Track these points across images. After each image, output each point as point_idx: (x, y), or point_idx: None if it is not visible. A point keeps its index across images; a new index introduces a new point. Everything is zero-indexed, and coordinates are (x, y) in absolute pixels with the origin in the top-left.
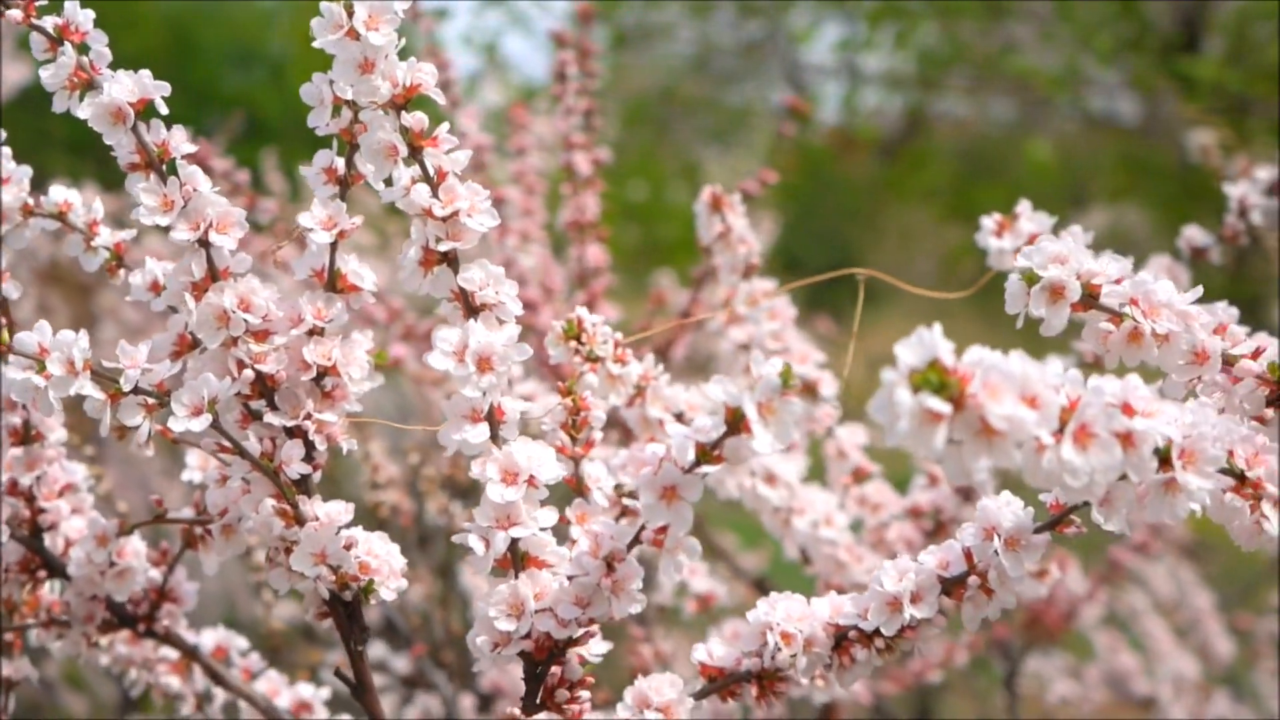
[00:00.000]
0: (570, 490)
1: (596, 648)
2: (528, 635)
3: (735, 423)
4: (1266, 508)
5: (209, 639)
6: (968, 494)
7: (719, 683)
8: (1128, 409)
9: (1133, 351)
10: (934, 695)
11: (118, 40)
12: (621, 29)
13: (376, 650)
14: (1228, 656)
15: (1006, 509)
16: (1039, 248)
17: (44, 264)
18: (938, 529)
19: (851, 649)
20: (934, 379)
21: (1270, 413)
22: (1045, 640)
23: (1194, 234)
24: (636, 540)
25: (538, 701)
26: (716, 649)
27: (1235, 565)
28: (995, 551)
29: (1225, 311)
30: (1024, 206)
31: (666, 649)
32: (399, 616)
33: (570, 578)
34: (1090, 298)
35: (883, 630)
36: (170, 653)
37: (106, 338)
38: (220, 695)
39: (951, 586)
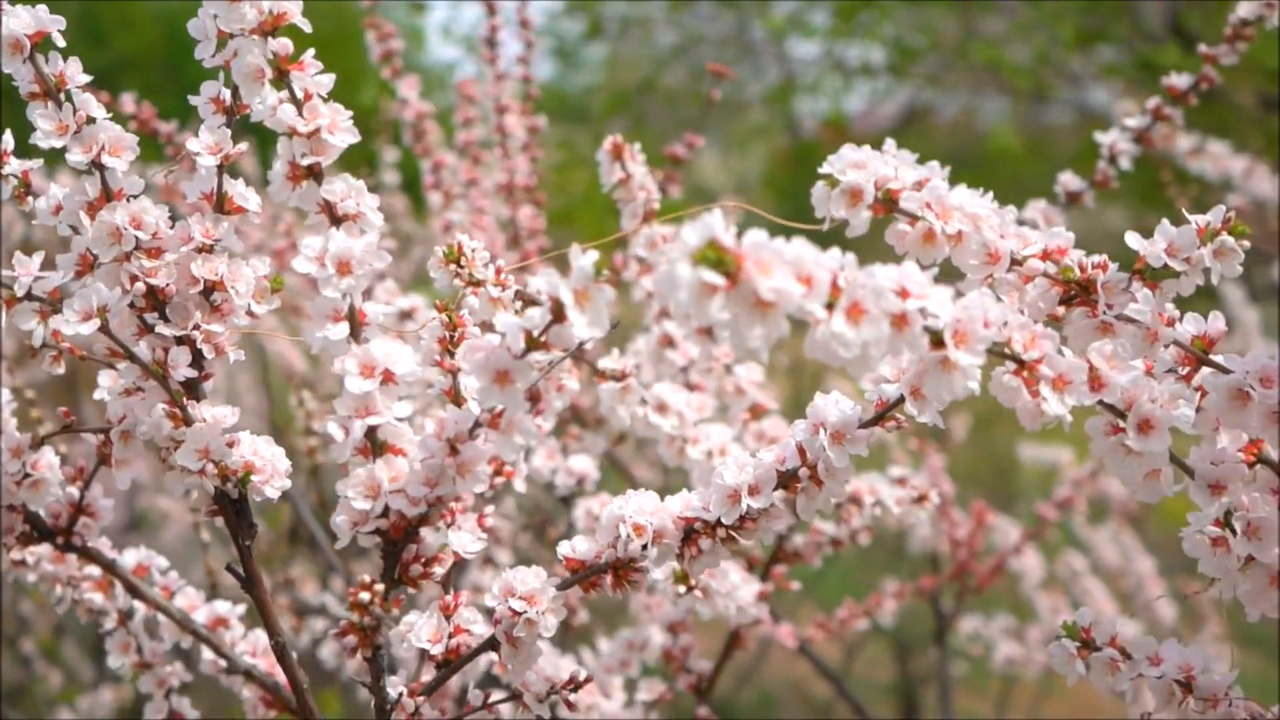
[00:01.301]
0: None
1: (465, 540)
2: (384, 515)
3: (558, 311)
4: (1044, 389)
5: (130, 557)
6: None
7: (580, 574)
8: (904, 292)
9: (928, 251)
10: (919, 693)
11: (113, 40)
12: (599, 20)
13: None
14: (1170, 620)
15: (833, 406)
16: (840, 154)
17: None
18: None
19: (699, 540)
20: (711, 256)
21: (1063, 310)
22: (973, 594)
23: (1068, 179)
24: (478, 424)
25: (395, 577)
26: (579, 544)
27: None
28: (822, 446)
29: (1010, 215)
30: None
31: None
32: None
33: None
34: (890, 202)
35: (723, 520)
36: (94, 571)
37: None
38: (141, 611)
39: (788, 480)
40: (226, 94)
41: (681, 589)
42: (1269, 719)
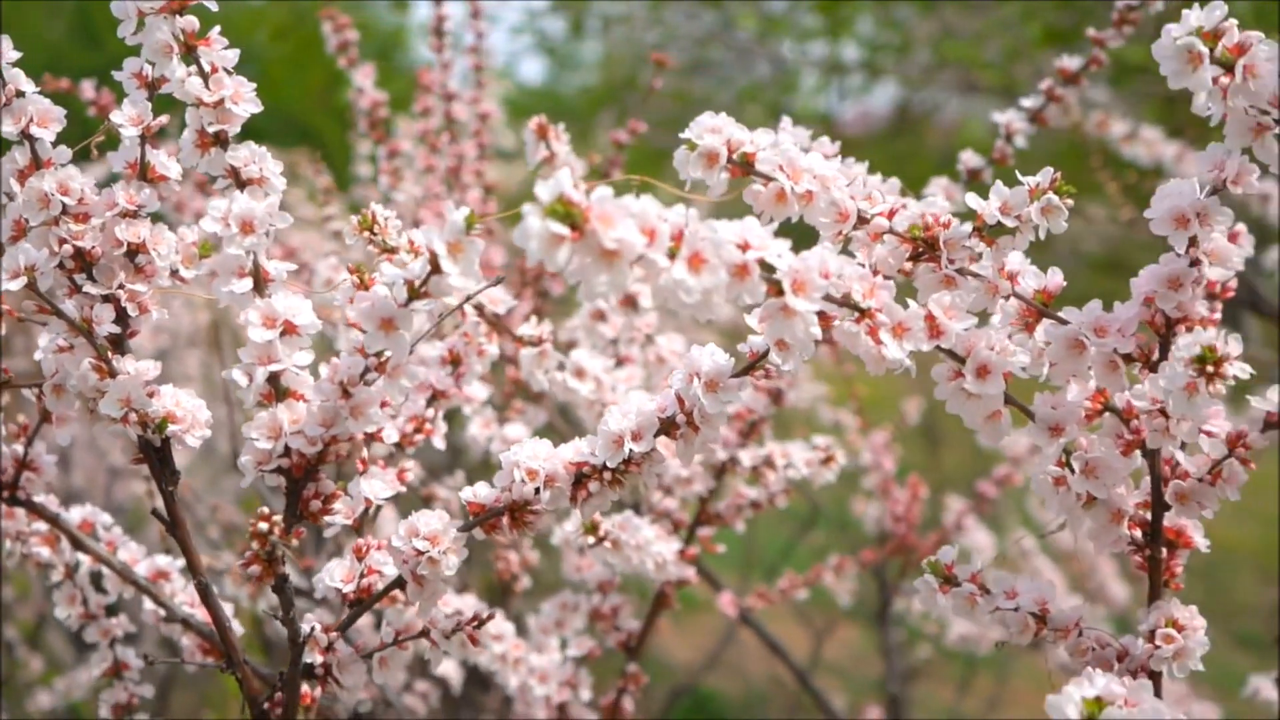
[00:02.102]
0: None
1: (376, 487)
2: (285, 454)
3: (435, 262)
4: (884, 335)
5: (76, 514)
6: (777, 398)
7: (481, 517)
8: (745, 245)
9: (780, 209)
10: (904, 691)
11: (106, 41)
12: (581, 19)
13: None
14: (1121, 599)
15: (707, 357)
16: (698, 120)
17: None
18: (751, 429)
19: (588, 483)
20: (560, 209)
21: (911, 265)
22: (915, 568)
23: (968, 157)
24: (369, 370)
25: (297, 513)
26: (480, 490)
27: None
28: (696, 394)
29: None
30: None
31: (533, 558)
32: None
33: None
34: (747, 164)
35: (609, 464)
36: (42, 526)
37: None
38: (86, 565)
39: (669, 426)
40: (149, 69)
41: (590, 539)
42: (1114, 648)
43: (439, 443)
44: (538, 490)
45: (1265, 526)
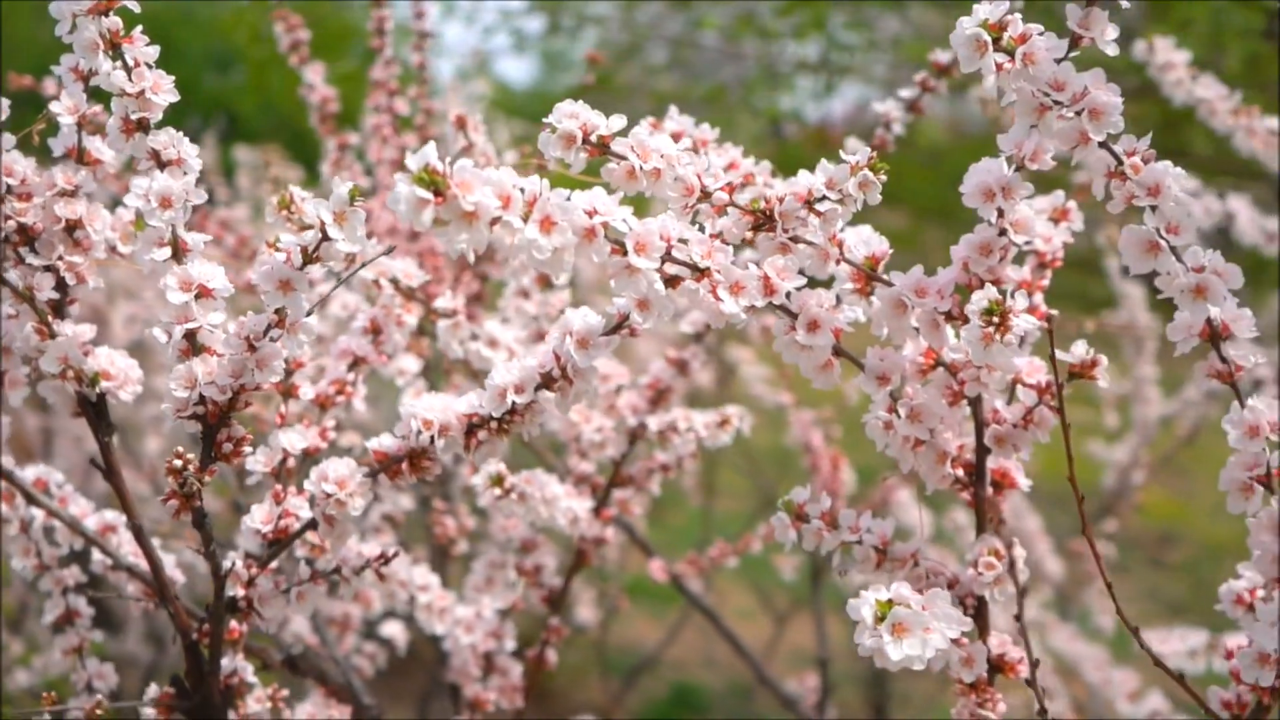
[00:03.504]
0: None
1: (293, 439)
2: (200, 402)
3: (324, 230)
4: (721, 292)
5: (30, 473)
6: (682, 367)
7: (383, 464)
8: (593, 211)
9: (631, 184)
10: (889, 683)
11: None
12: (557, 18)
13: None
14: (1057, 575)
15: (579, 317)
16: (557, 107)
17: None
18: (659, 397)
19: (477, 433)
20: (426, 177)
21: (752, 235)
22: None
23: (853, 144)
24: (271, 326)
25: (211, 455)
26: (385, 440)
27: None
28: (569, 350)
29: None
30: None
31: (470, 523)
32: None
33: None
34: (603, 146)
35: (494, 414)
36: None
37: None
38: (40, 519)
39: (549, 380)
40: (85, 64)
41: (496, 491)
42: (945, 576)
43: (360, 405)
44: (433, 439)
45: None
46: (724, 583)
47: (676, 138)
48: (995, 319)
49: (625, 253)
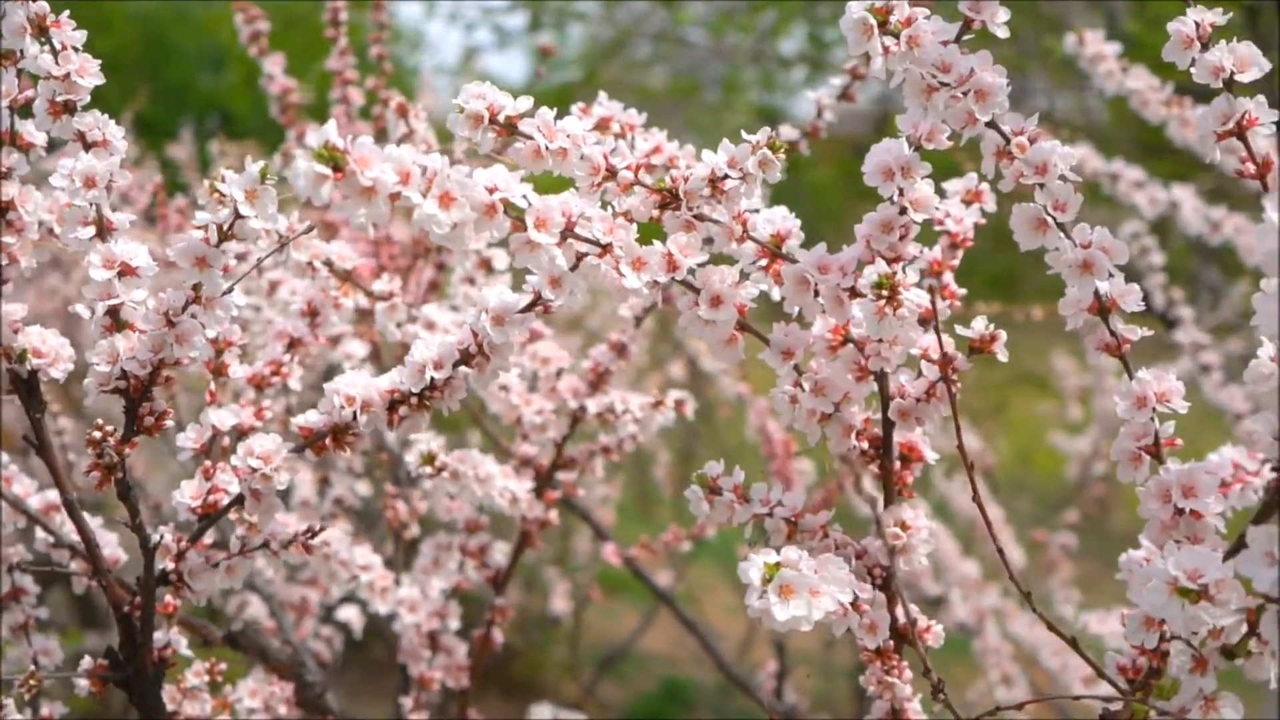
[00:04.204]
0: None
1: (222, 416)
2: (123, 377)
3: (235, 210)
4: (624, 268)
5: None
6: (621, 350)
7: (309, 439)
8: (493, 188)
9: (538, 164)
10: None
11: (92, 41)
12: (538, 15)
13: None
14: (1019, 565)
15: (495, 295)
16: (465, 89)
17: None
18: (599, 380)
19: (399, 409)
20: (325, 154)
21: (658, 212)
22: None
23: (786, 131)
24: (192, 302)
25: (134, 428)
26: (311, 416)
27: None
28: (484, 327)
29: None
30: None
31: (422, 507)
32: None
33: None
34: (511, 126)
35: (414, 390)
36: None
37: None
38: None
39: (467, 357)
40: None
41: (428, 469)
42: (854, 547)
43: (295, 384)
44: (355, 415)
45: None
46: (711, 579)
47: (605, 122)
48: (885, 293)
49: (525, 227)
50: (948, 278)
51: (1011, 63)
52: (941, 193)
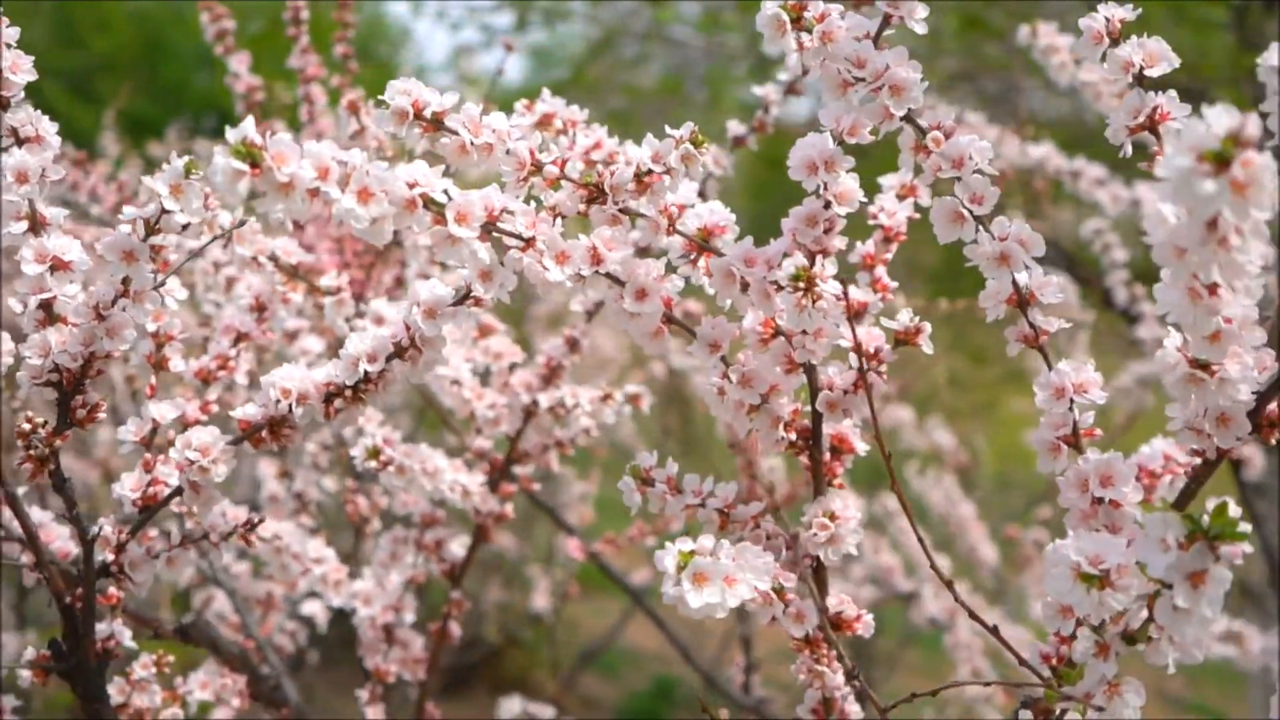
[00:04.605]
0: None
1: (164, 409)
2: (55, 370)
3: (161, 205)
4: (548, 261)
5: None
6: (573, 345)
7: (247, 432)
8: (413, 184)
9: (464, 159)
10: (871, 674)
11: (90, 42)
12: (524, 15)
13: None
14: (992, 561)
15: (426, 288)
16: (392, 84)
17: None
18: (552, 374)
19: (335, 401)
20: (242, 150)
21: (586, 208)
22: None
23: (733, 126)
24: (121, 296)
25: (67, 420)
26: (249, 409)
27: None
28: (416, 320)
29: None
30: None
31: (382, 502)
32: None
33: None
34: (438, 122)
35: (347, 382)
36: None
37: None
38: None
39: (401, 350)
40: None
41: (373, 463)
42: (784, 537)
43: (241, 378)
44: (291, 407)
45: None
46: None
47: (548, 119)
48: (802, 285)
49: (445, 222)
50: (880, 271)
51: (1001, 62)
52: (878, 187)
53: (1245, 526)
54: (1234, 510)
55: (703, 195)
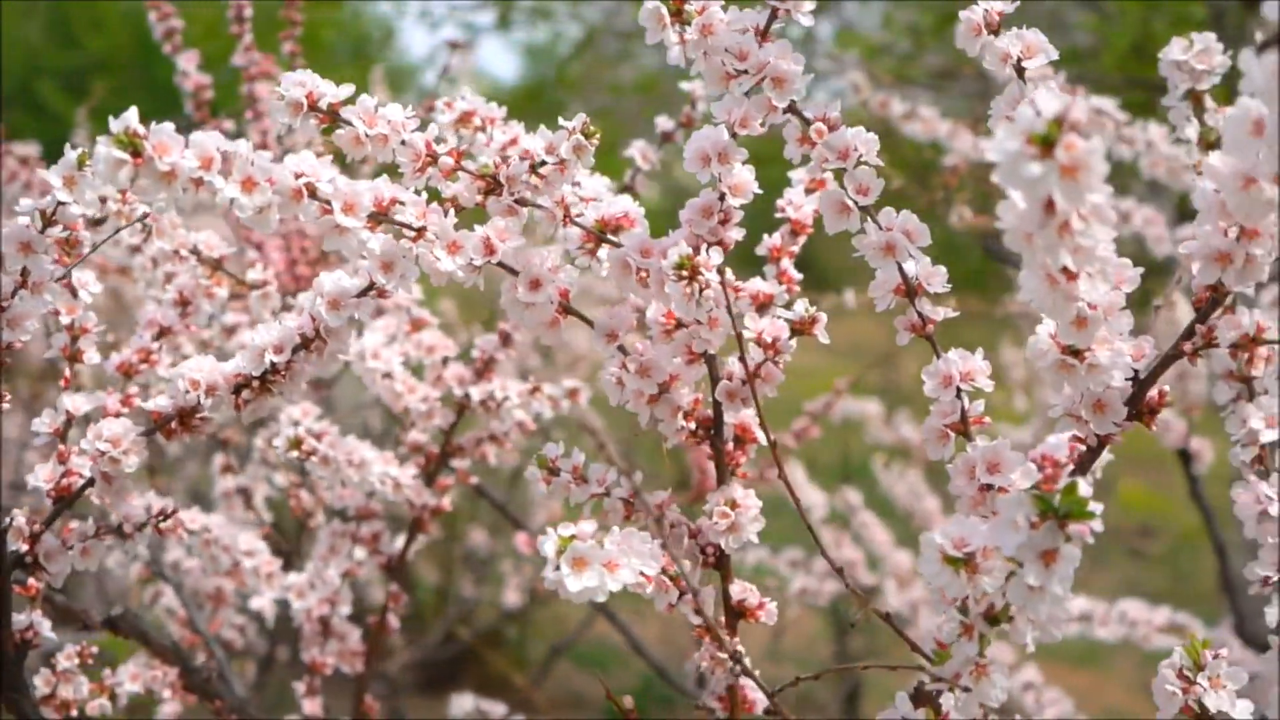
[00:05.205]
0: None
1: (77, 401)
2: None
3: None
4: (439, 251)
5: None
6: (506, 340)
7: (158, 423)
8: (299, 173)
9: (359, 150)
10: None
11: (84, 41)
12: (506, 13)
13: None
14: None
15: (330, 280)
16: (287, 76)
17: None
18: (485, 368)
19: (243, 393)
20: (125, 140)
21: (483, 199)
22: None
23: (662, 121)
24: (19, 287)
25: None
26: (160, 400)
27: None
28: (320, 311)
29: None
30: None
31: (326, 496)
32: None
33: None
34: (334, 113)
35: (254, 374)
36: None
37: None
38: None
39: (309, 341)
40: None
41: (294, 453)
42: (689, 526)
43: (162, 372)
44: (200, 399)
45: (1224, 514)
46: None
47: (468, 116)
48: (686, 274)
49: (331, 212)
50: (785, 264)
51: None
52: (789, 181)
53: (1094, 508)
54: (1084, 490)
55: (631, 189)
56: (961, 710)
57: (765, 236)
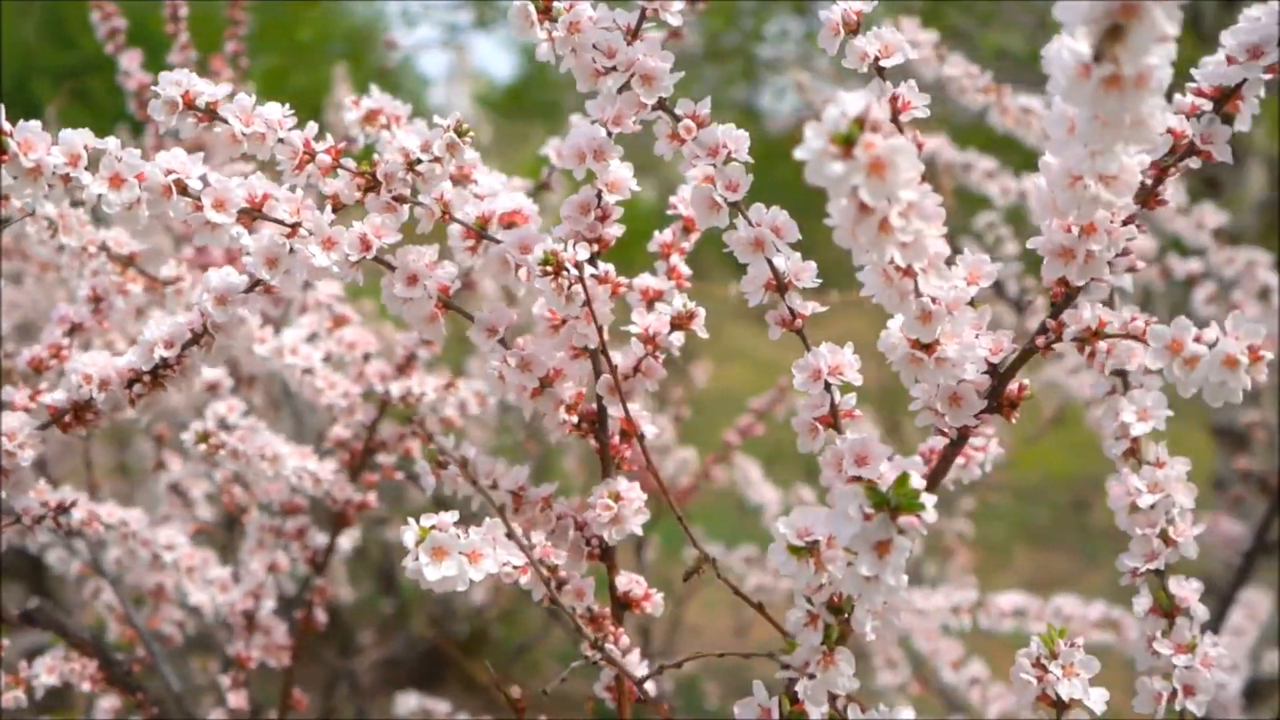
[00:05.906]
0: None
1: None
2: None
3: None
4: (313, 247)
5: None
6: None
7: (54, 416)
8: (169, 170)
9: (234, 148)
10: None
11: (78, 41)
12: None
13: None
14: (917, 553)
15: (218, 276)
16: (163, 75)
17: None
18: (408, 363)
19: (134, 387)
20: None
21: (362, 196)
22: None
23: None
24: None
25: None
26: (56, 395)
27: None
28: (206, 306)
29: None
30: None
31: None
32: None
33: None
34: (212, 112)
35: (144, 368)
36: None
37: None
38: None
39: (200, 336)
40: None
41: (203, 447)
42: (575, 519)
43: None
44: (93, 393)
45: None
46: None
47: (374, 115)
48: (551, 269)
49: (201, 208)
50: (675, 259)
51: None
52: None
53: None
54: (915, 482)
55: (547, 186)
56: (810, 698)
57: (656, 234)
